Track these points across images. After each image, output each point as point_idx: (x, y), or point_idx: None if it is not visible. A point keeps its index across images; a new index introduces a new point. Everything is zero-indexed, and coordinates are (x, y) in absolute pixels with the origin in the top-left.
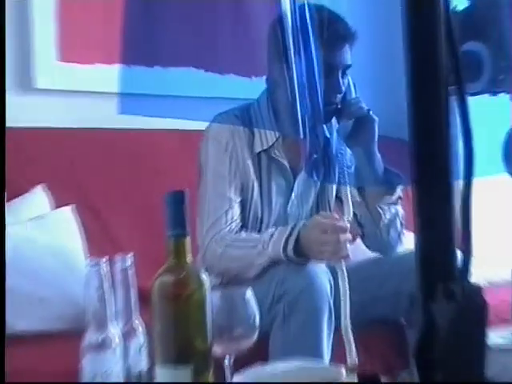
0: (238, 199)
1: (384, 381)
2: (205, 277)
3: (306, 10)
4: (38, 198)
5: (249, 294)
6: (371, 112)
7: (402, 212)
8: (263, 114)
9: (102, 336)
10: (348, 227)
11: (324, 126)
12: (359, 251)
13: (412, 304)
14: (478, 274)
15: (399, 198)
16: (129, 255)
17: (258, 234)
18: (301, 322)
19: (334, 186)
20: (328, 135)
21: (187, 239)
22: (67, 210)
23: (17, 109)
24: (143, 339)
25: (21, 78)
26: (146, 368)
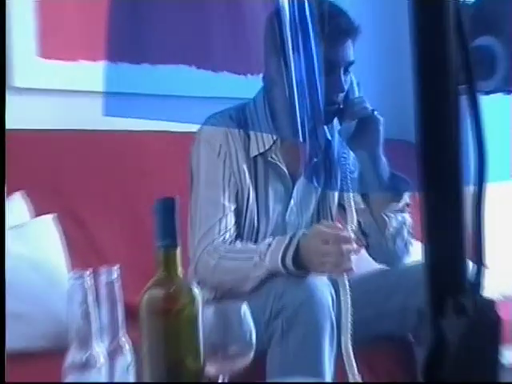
0: (233, 207)
1: None
2: (197, 291)
3: (306, 3)
4: (16, 206)
5: (244, 309)
6: (376, 112)
7: (409, 220)
8: (259, 114)
9: (86, 355)
10: (352, 237)
11: (325, 128)
12: (363, 262)
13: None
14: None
15: (406, 204)
16: (115, 267)
17: (255, 245)
18: (300, 339)
19: (336, 193)
20: (329, 137)
21: (178, 250)
22: (48, 219)
23: None
24: (130, 358)
25: None
26: None
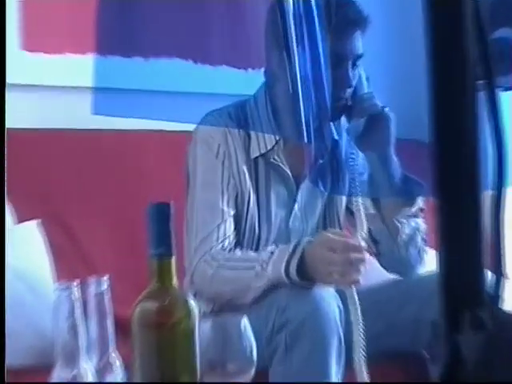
0: (232, 212)
1: None
2: (193, 303)
3: None
4: None
5: (244, 322)
6: (386, 109)
7: (423, 226)
8: (261, 112)
9: (73, 372)
10: (361, 245)
11: (332, 126)
12: (373, 271)
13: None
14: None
15: (420, 209)
16: (105, 277)
17: (256, 253)
18: (305, 355)
19: (344, 197)
20: (336, 137)
21: (173, 259)
22: (32, 225)
23: None
24: (121, 376)
25: None
26: None
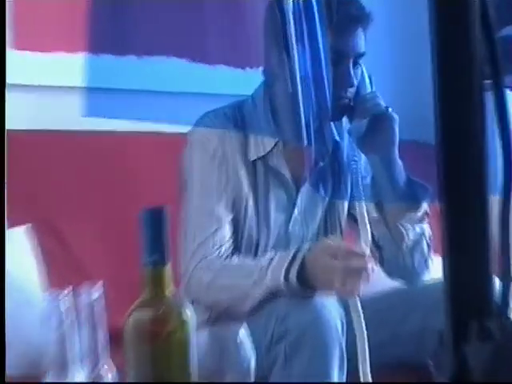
0: (229, 217)
1: None
2: (188, 312)
3: None
4: None
5: (242, 332)
6: (390, 109)
7: (428, 232)
8: (259, 113)
9: None
10: (365, 252)
11: (333, 127)
12: (376, 279)
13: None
14: None
15: (426, 214)
16: (97, 285)
17: (254, 260)
18: (306, 366)
19: (346, 201)
20: (337, 138)
21: (167, 267)
22: (20, 230)
23: None
24: None
25: None
26: None
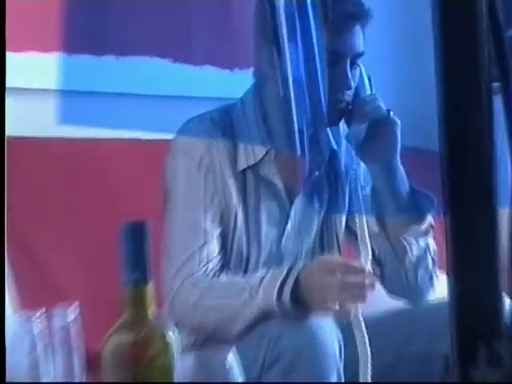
0: (217, 231)
1: None
2: (172, 335)
3: None
4: None
5: (231, 357)
6: (392, 113)
7: (433, 246)
8: (249, 118)
9: None
10: (365, 268)
11: (329, 134)
12: (378, 298)
13: (446, 368)
14: None
15: (430, 227)
16: (72, 306)
17: (244, 278)
18: None
19: (344, 214)
20: (334, 146)
21: (149, 286)
22: None
23: None
24: None
25: None
26: None
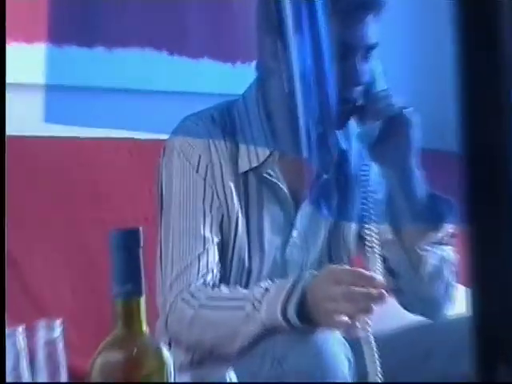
0: (216, 239)
1: None
2: (167, 352)
3: None
4: None
5: (231, 377)
6: (407, 110)
7: (452, 256)
8: (251, 116)
9: None
10: (376, 278)
11: (338, 133)
12: (391, 313)
13: None
14: None
15: (450, 235)
16: (57, 321)
17: (246, 290)
18: None
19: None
20: (344, 146)
21: (142, 299)
22: None
23: None
24: None
25: None
26: None
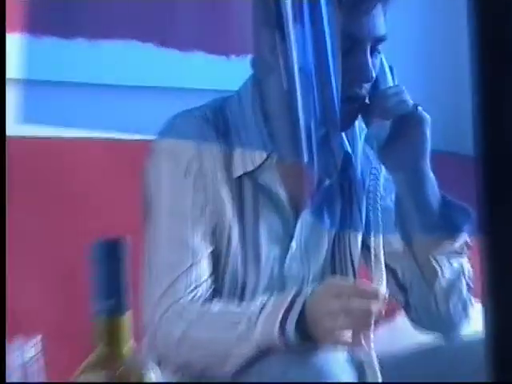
0: (208, 250)
1: None
2: (154, 374)
3: None
4: None
5: None
6: (420, 108)
7: (469, 269)
8: (247, 115)
9: None
10: (378, 291)
11: (343, 135)
12: (399, 332)
13: None
14: None
15: (466, 246)
16: (35, 339)
17: (240, 306)
18: None
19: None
20: (348, 148)
21: (126, 315)
22: None
23: None
24: None
25: None
26: None
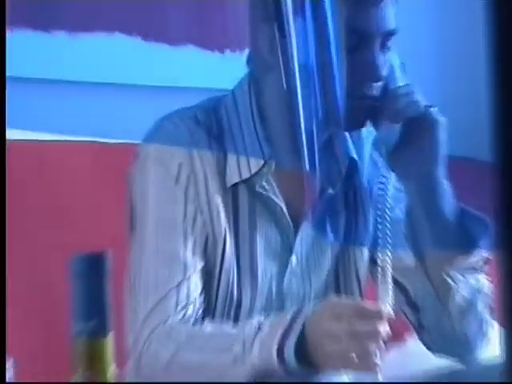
0: (199, 264)
1: None
2: None
3: None
4: None
5: None
6: (433, 110)
7: (487, 286)
8: (242, 117)
9: None
10: (382, 310)
11: (348, 139)
12: (411, 355)
13: None
14: None
15: (484, 260)
16: (7, 363)
17: (235, 327)
18: None
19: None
20: (354, 154)
21: (109, 337)
22: None
23: None
24: None
25: None
26: None
